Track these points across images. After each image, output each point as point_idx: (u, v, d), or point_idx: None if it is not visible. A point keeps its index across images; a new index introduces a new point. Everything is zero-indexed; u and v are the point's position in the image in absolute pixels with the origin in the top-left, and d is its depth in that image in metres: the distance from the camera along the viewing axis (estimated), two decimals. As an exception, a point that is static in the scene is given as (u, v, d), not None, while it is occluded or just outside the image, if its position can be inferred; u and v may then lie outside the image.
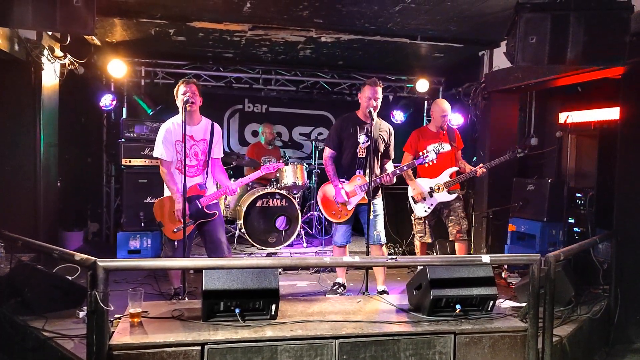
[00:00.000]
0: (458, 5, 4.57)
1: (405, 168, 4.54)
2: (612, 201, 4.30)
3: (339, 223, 4.48)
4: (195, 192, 3.95)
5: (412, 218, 5.12)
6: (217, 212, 4.06)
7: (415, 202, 4.95)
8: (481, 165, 4.88)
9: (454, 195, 4.89)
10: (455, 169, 4.94)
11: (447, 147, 4.94)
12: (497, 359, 3.02)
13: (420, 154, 4.37)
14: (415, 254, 5.30)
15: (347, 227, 4.50)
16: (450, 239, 5.03)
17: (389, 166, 4.52)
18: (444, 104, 5.00)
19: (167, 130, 3.98)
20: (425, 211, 4.91)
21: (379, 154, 4.42)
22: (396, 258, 3.11)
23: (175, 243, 3.96)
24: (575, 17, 3.34)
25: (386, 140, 4.44)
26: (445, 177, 4.88)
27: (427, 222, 4.96)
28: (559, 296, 3.59)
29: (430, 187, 4.86)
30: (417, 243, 5.10)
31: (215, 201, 4.07)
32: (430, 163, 4.46)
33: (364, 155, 4.35)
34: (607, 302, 4.04)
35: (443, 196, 4.86)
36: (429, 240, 5.01)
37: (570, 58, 3.39)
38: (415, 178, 4.96)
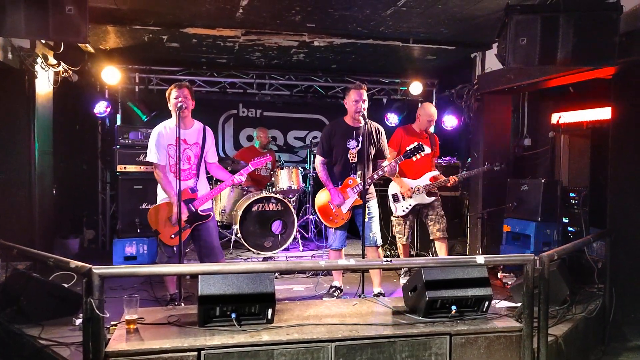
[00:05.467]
0: (449, 8, 4.61)
1: (394, 163, 4.31)
2: (605, 200, 4.34)
3: (335, 228, 4.51)
4: (187, 196, 3.95)
5: (392, 219, 5.18)
6: (211, 214, 4.07)
7: (395, 200, 5.01)
8: (454, 176, 5.00)
9: (432, 198, 4.99)
10: (435, 173, 5.06)
11: (427, 149, 4.97)
12: (493, 359, 3.03)
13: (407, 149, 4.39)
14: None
15: (343, 232, 4.54)
16: (430, 238, 5.12)
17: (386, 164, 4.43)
18: (431, 109, 5.10)
19: (159, 134, 3.96)
20: (404, 211, 4.98)
21: (370, 156, 4.41)
22: (391, 260, 3.12)
23: (175, 249, 3.95)
24: (564, 18, 3.38)
25: (375, 141, 4.44)
26: (425, 180, 4.96)
27: (406, 222, 5.04)
28: (554, 295, 3.61)
29: (410, 188, 4.93)
30: (399, 244, 5.18)
31: (208, 203, 4.08)
32: (419, 156, 4.45)
33: (356, 160, 4.38)
34: (602, 301, 4.05)
35: (421, 198, 4.95)
36: (404, 242, 5.10)
37: (560, 59, 3.43)
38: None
